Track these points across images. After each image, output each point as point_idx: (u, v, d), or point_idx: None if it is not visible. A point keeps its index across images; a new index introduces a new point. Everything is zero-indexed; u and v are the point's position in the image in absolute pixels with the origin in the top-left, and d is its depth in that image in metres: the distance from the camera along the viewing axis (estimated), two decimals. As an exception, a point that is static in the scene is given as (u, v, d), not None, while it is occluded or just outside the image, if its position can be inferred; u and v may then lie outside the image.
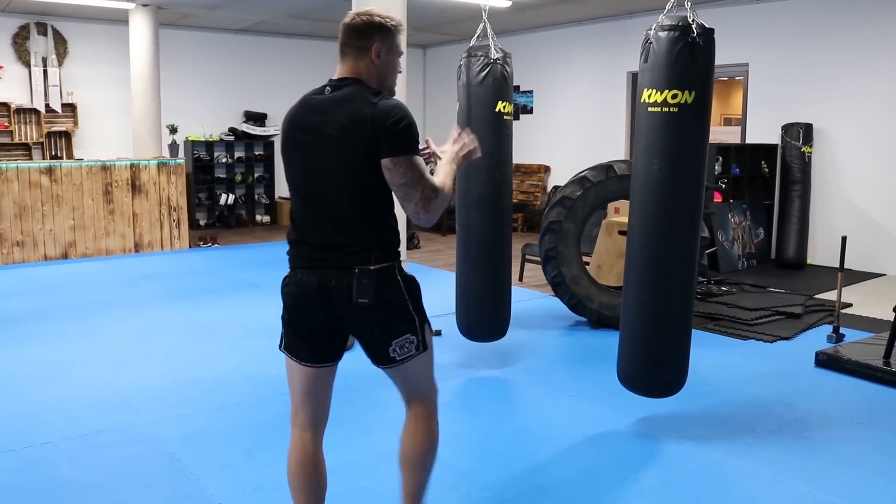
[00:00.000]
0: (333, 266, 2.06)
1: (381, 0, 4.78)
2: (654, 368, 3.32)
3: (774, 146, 7.97)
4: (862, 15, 7.25)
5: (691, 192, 3.19)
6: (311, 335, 2.15)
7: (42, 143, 9.57)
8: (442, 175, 2.15)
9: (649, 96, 3.11)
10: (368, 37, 2.10)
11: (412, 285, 2.16)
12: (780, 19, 7.85)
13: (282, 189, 11.43)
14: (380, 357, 2.15)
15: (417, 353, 2.15)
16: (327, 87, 2.12)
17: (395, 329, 2.11)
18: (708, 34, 3.08)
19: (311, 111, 2.10)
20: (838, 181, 7.61)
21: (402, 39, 2.21)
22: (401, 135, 2.01)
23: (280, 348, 2.20)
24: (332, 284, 2.05)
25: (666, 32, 3.05)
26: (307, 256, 2.12)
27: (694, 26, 3.03)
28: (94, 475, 2.97)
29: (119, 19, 9.39)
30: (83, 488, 2.87)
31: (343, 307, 2.06)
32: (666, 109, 3.08)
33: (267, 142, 11.16)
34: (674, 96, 3.05)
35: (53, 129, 9.62)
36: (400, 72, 2.23)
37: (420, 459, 2.25)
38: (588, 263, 5.76)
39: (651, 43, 3.09)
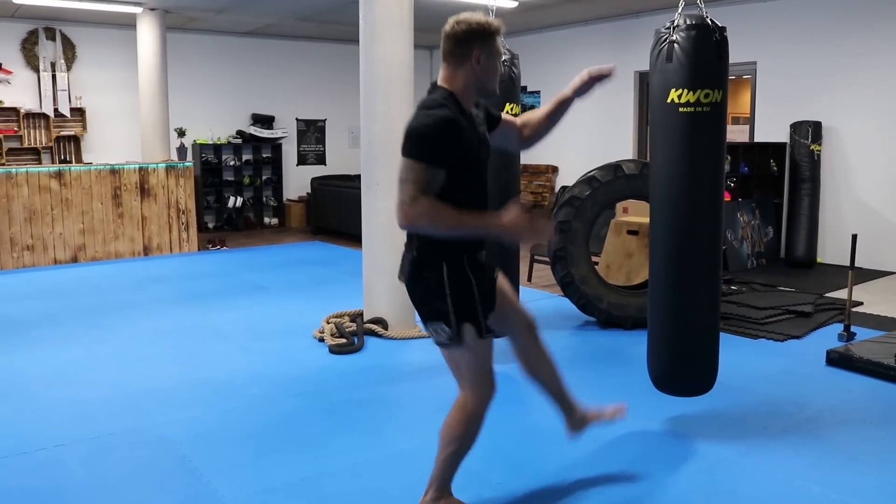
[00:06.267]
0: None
1: (389, 0, 4.82)
2: (685, 367, 3.34)
3: (783, 144, 7.93)
4: (870, 12, 7.21)
5: (717, 192, 3.20)
6: None
7: (51, 147, 9.62)
8: (466, 216, 2.20)
9: (679, 96, 3.05)
10: (468, 44, 2.24)
11: (462, 281, 2.26)
12: (788, 17, 7.82)
13: (290, 191, 11.46)
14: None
15: (451, 345, 2.32)
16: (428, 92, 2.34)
17: (427, 312, 2.33)
18: (722, 32, 3.07)
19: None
20: (848, 179, 7.57)
21: (501, 41, 2.33)
22: (406, 137, 2.20)
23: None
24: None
25: (693, 31, 3.02)
26: None
27: (712, 25, 3.03)
28: (105, 477, 2.99)
29: (127, 24, 9.44)
30: (95, 490, 2.88)
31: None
32: (699, 109, 3.04)
33: (275, 144, 11.18)
34: (706, 95, 3.03)
35: (62, 133, 9.68)
36: (502, 74, 2.37)
37: (443, 434, 2.43)
38: (597, 263, 5.75)
39: (675, 42, 3.04)
